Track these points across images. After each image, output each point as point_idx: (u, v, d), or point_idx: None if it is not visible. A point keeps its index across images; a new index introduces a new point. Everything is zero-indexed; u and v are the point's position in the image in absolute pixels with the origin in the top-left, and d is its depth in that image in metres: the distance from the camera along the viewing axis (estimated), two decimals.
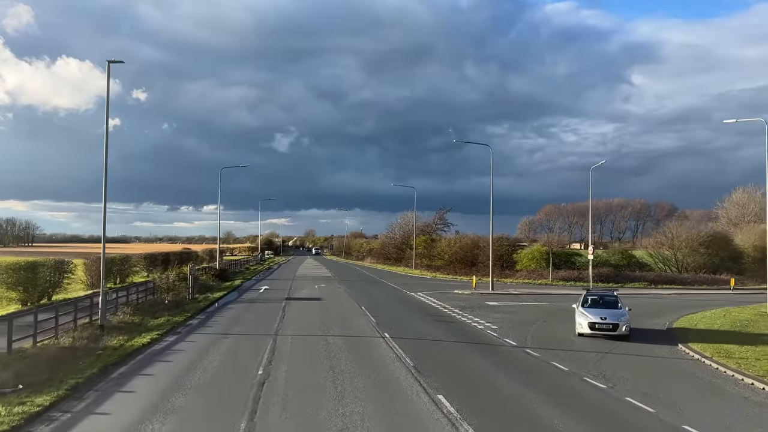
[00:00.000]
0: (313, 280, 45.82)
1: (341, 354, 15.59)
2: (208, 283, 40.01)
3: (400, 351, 15.91)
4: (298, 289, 37.51)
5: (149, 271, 48.49)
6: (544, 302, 30.86)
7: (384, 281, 47.02)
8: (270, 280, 48.35)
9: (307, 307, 27.13)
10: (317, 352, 15.88)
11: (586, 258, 53.13)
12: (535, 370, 14.27)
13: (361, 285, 42.42)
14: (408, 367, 13.98)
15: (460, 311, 25.90)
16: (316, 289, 37.61)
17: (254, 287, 39.80)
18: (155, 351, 16.31)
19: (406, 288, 39.16)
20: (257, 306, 27.80)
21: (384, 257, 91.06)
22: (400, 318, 23.59)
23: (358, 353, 15.72)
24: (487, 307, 27.76)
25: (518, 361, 15.30)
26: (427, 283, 44.64)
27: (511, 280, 47.97)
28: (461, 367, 14.49)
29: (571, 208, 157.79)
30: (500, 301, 30.67)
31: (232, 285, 40.48)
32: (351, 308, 26.76)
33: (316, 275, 54.48)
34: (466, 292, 35.57)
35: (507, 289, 38.61)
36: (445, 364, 14.58)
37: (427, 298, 32.07)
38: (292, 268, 69.75)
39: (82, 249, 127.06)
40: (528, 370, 14.27)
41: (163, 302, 28.22)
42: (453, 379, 12.90)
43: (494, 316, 24.27)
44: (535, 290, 38.34)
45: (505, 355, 16.06)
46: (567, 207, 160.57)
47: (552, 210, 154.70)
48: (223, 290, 36.16)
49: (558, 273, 47.97)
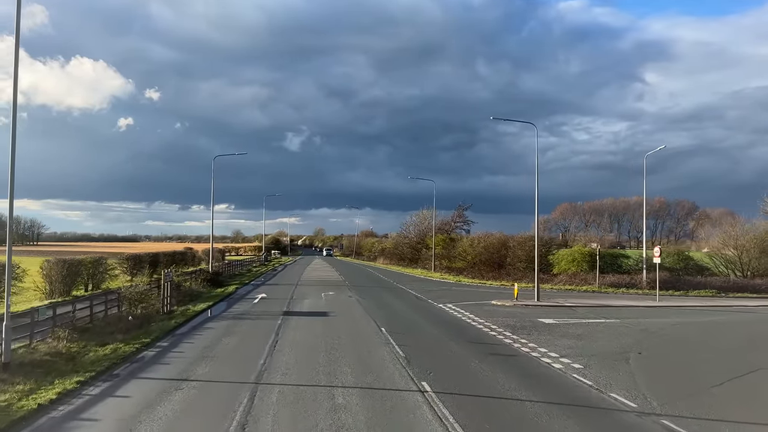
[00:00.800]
0: (319, 286, 39.36)
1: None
2: (196, 291, 33.72)
3: (457, 429, 9.37)
4: (300, 298, 31.06)
5: (133, 275, 42.37)
6: (612, 318, 24.16)
7: (402, 287, 40.49)
8: (270, 285, 41.93)
9: (308, 327, 20.66)
10: (317, 429, 9.39)
11: (635, 260, 46.28)
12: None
13: (376, 293, 35.91)
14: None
15: (513, 334, 19.31)
16: (323, 298, 31.13)
17: (249, 295, 33.41)
18: (53, 421, 9.90)
19: (430, 296, 32.61)
20: (244, 325, 21.37)
21: (398, 258, 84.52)
22: (437, 348, 17.01)
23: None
24: (544, 328, 21.14)
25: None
26: (454, 291, 38.02)
27: (549, 286, 41.19)
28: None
29: (587, 206, 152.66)
30: (556, 318, 24.02)
31: (224, 292, 34.13)
32: (367, 330, 20.23)
33: (323, 279, 48.01)
34: (507, 304, 28.93)
35: (553, 298, 31.91)
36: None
37: (461, 312, 25.50)
38: (298, 270, 63.35)
39: (85, 248, 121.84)
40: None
41: (127, 318, 21.97)
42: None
43: (563, 344, 17.66)
44: (588, 300, 31.59)
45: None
46: (583, 206, 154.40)
47: (568, 208, 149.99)
48: (210, 300, 29.81)
49: (605, 278, 41.14)
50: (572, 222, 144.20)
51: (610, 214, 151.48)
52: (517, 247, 51.34)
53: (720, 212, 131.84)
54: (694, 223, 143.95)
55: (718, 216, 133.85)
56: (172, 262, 52.35)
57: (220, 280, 40.64)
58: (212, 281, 39.01)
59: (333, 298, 31.45)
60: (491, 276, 48.75)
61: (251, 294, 34.09)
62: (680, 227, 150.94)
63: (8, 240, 14.59)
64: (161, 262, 48.66)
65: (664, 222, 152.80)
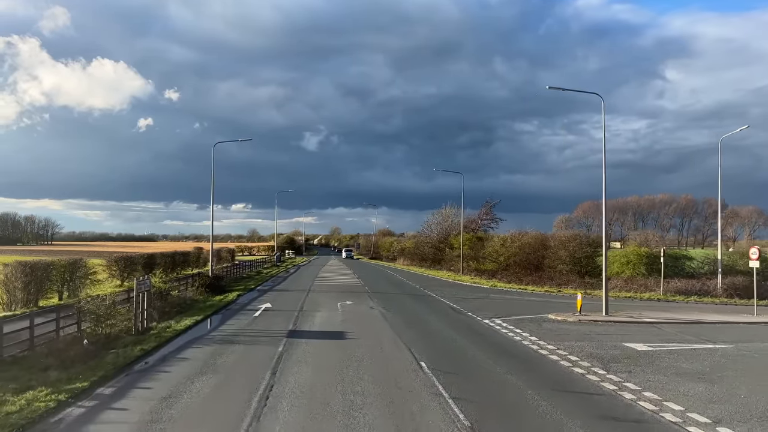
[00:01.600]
0: (335, 293, 33.76)
1: None
2: (189, 299, 28.37)
3: None
4: (312, 310, 25.46)
5: (124, 279, 37.24)
6: (720, 342, 18.20)
7: (430, 294, 34.73)
8: (278, 291, 36.42)
9: (319, 359, 15.04)
10: None
11: (700, 262, 40.02)
12: None
13: (401, 302, 30.19)
14: None
15: (607, 372, 13.53)
16: (339, 310, 25.50)
17: (252, 305, 27.91)
18: None
19: (467, 307, 26.82)
20: (233, 354, 15.81)
21: (419, 258, 78.73)
22: (513, 405, 11.24)
23: None
24: (643, 360, 15.28)
25: None
26: (493, 299, 32.17)
27: (601, 292, 35.00)
28: None
29: (610, 204, 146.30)
30: (646, 341, 18.10)
31: (222, 301, 28.68)
32: (401, 365, 14.53)
33: (339, 284, 42.42)
34: (570, 319, 23.03)
35: (621, 310, 25.89)
36: None
37: (518, 332, 19.71)
38: (312, 273, 57.81)
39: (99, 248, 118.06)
40: None
41: (82, 342, 16.64)
42: None
43: (692, 392, 11.83)
44: (666, 313, 25.53)
45: None
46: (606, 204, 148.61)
47: (590, 206, 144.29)
48: (201, 312, 24.37)
49: (669, 283, 34.97)
50: (595, 220, 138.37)
51: (635, 212, 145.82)
52: (558, 246, 45.24)
53: (749, 210, 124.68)
54: (723, 222, 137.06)
55: (748, 214, 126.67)
56: (172, 264, 47.26)
57: (221, 286, 35.23)
58: (212, 287, 33.66)
59: (351, 309, 25.82)
60: (530, 280, 42.75)
61: (254, 303, 28.59)
62: (708, 226, 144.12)
63: None
64: (158, 264, 43.57)
65: (691, 220, 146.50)
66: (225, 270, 45.30)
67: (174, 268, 47.39)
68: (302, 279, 47.95)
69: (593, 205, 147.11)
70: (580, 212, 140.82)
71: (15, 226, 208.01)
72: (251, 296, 32.52)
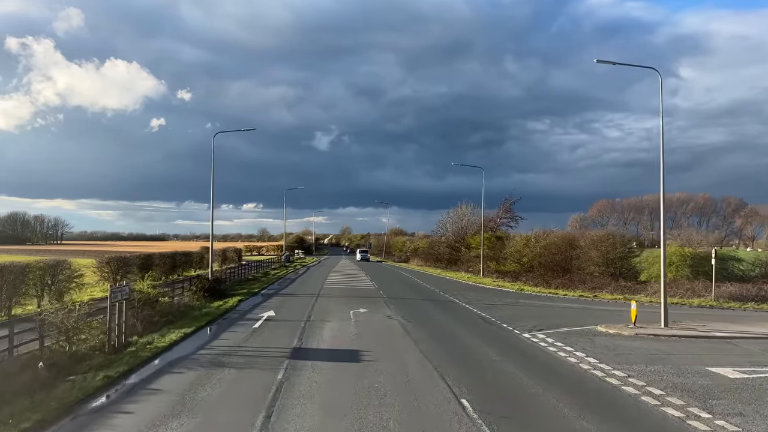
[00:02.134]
0: (347, 299, 30.43)
1: None
2: (184, 305, 25.21)
3: None
4: (321, 320, 22.10)
5: (116, 281, 34.12)
6: None
7: (453, 299, 31.27)
8: (284, 296, 33.14)
9: (330, 394, 11.65)
10: None
11: (751, 263, 36.22)
12: None
13: (423, 309, 26.79)
14: None
15: (718, 418, 10.05)
16: (352, 320, 22.13)
17: (252, 313, 24.64)
18: None
19: (499, 316, 23.34)
20: (222, 382, 12.47)
21: (434, 259, 75.20)
22: None
23: None
24: (753, 395, 11.75)
25: None
26: (524, 306, 28.66)
27: (643, 297, 31.44)
28: None
29: (626, 203, 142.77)
30: (737, 367, 14.54)
31: (220, 308, 25.44)
32: (435, 404, 11.09)
33: (351, 287, 39.09)
34: (625, 333, 19.48)
35: (679, 321, 22.22)
36: None
37: (569, 350, 16.22)
38: (322, 274, 54.50)
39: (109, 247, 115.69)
40: None
41: (37, 365, 13.50)
42: None
43: None
44: (733, 325, 21.85)
45: None
46: (621, 202, 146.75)
47: (605, 205, 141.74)
48: (195, 322, 21.13)
49: (719, 288, 31.23)
50: (610, 219, 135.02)
51: (651, 211, 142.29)
52: (590, 247, 41.52)
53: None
54: (742, 221, 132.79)
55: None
56: (172, 265, 44.18)
57: (221, 290, 32.05)
58: (211, 291, 30.49)
59: (366, 319, 22.44)
60: (559, 284, 39.11)
61: (256, 311, 25.32)
62: (726, 225, 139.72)
63: None
64: (157, 265, 40.50)
65: (709, 219, 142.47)
66: (228, 272, 42.12)
67: (174, 269, 44.33)
68: (311, 281, 44.67)
69: (608, 203, 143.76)
70: (595, 211, 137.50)
71: (24, 226, 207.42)
72: (254, 302, 29.27)
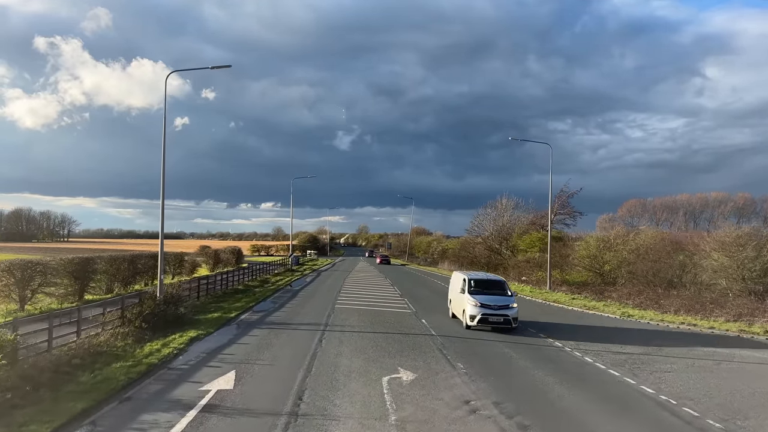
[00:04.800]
0: (371, 339, 18.45)
1: None
2: (82, 355, 13.50)
3: None
4: (321, 412, 10.11)
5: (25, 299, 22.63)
6: None
7: (554, 342, 19.12)
8: (270, 328, 21.14)
9: None
10: None
11: None
12: None
13: (508, 367, 14.68)
14: None
15: None
16: (390, 414, 10.12)
17: (192, 378, 12.75)
18: None
19: (674, 395, 11.26)
20: None
21: (469, 262, 62.85)
22: None
23: None
24: None
25: None
26: (683, 358, 16.45)
27: None
28: None
29: (658, 203, 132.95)
30: None
31: (133, 368, 13.55)
32: None
33: (376, 309, 27.06)
34: None
35: None
36: None
37: None
38: (334, 284, 42.28)
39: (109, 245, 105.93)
40: None
41: None
42: None
43: None
44: None
45: None
46: (653, 202, 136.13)
47: (635, 205, 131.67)
48: (46, 423, 9.30)
49: None
50: (641, 220, 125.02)
51: (686, 211, 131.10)
52: (717, 251, 28.80)
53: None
54: None
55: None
56: (132, 272, 32.52)
57: (177, 316, 20.30)
58: (158, 318, 18.91)
59: (422, 414, 10.43)
60: (672, 305, 26.64)
61: (204, 371, 13.44)
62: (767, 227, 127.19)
63: None
64: (103, 272, 28.99)
65: (749, 220, 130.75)
66: (203, 283, 30.10)
67: (135, 276, 32.71)
68: (319, 296, 32.63)
69: (639, 203, 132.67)
70: (625, 211, 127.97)
71: (30, 222, 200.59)
72: (216, 341, 17.35)
